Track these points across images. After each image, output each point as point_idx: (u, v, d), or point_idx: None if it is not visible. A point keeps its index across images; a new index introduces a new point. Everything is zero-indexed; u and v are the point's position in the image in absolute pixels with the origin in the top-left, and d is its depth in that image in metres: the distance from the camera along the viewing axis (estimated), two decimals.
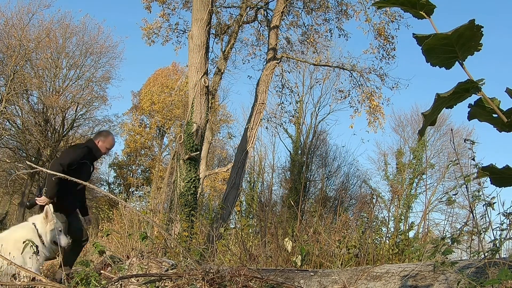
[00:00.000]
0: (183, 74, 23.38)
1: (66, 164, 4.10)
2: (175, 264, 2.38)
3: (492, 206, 2.34)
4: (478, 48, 0.90)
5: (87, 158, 4.38)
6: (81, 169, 4.28)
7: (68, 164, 4.12)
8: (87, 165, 4.40)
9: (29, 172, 4.15)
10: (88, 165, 4.42)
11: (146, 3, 11.63)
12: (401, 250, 4.54)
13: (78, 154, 4.27)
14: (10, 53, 20.91)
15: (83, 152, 4.32)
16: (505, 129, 0.94)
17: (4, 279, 2.80)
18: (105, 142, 4.54)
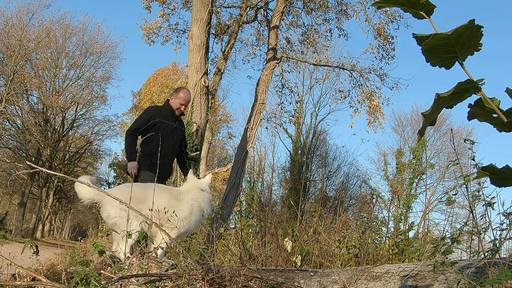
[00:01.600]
0: (183, 74, 23.36)
1: (133, 129, 4.39)
2: (175, 264, 2.38)
3: (492, 206, 2.34)
4: (478, 48, 0.90)
5: (159, 117, 4.39)
6: (157, 129, 4.31)
7: (135, 128, 4.38)
8: (164, 123, 4.41)
9: (29, 172, 4.08)
10: (165, 123, 4.42)
11: (146, 3, 11.63)
12: (401, 250, 4.55)
13: (143, 117, 4.45)
14: (10, 53, 20.92)
15: (148, 114, 4.43)
16: (505, 129, 0.94)
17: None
18: (176, 98, 4.52)
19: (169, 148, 4.46)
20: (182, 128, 4.73)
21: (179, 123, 4.64)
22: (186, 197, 3.55)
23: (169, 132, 4.44)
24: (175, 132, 4.55)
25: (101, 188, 3.46)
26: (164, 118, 4.45)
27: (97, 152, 29.67)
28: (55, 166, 24.66)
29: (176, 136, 4.55)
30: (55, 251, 10.08)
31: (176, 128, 4.55)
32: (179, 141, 4.64)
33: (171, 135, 4.47)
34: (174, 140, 4.52)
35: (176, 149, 4.62)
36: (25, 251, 2.48)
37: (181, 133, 4.69)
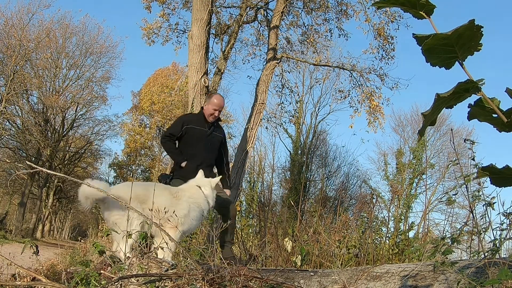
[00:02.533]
0: (183, 74, 23.36)
1: (168, 134, 4.41)
2: (175, 264, 2.38)
3: (492, 206, 2.34)
4: (478, 48, 0.90)
5: (191, 124, 4.36)
6: (189, 136, 4.32)
7: (170, 133, 4.39)
8: (196, 130, 4.34)
9: (29, 172, 4.07)
10: (197, 129, 4.35)
11: (146, 3, 11.62)
12: (401, 250, 4.55)
13: (176, 123, 4.48)
14: (10, 53, 20.92)
15: (181, 120, 4.45)
16: (505, 129, 0.94)
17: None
18: (209, 104, 4.41)
19: (203, 155, 4.34)
20: (220, 135, 4.55)
21: (215, 129, 4.48)
22: (184, 196, 3.58)
23: (203, 139, 4.35)
24: (211, 139, 4.41)
25: None
26: (196, 125, 4.37)
27: (97, 152, 29.69)
28: (55, 166, 24.66)
29: (211, 143, 4.41)
30: (55, 251, 10.08)
31: (211, 134, 4.42)
32: (216, 148, 4.49)
33: (206, 142, 4.36)
34: (209, 147, 4.39)
35: (213, 156, 4.47)
36: (25, 251, 2.48)
37: (219, 140, 4.52)
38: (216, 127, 4.50)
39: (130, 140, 29.94)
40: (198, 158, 4.31)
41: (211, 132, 4.41)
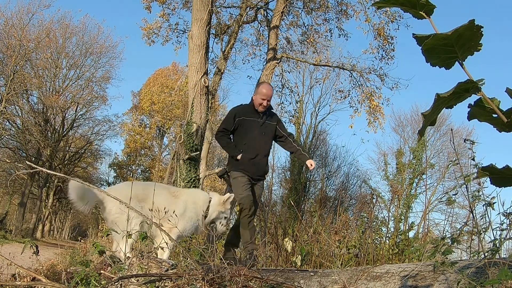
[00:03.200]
0: (183, 74, 23.35)
1: (222, 129, 4.42)
2: (175, 264, 2.38)
3: (492, 206, 2.34)
4: (478, 48, 0.90)
5: (243, 115, 4.33)
6: (242, 128, 4.32)
7: (223, 128, 4.40)
8: (248, 121, 4.32)
9: (29, 172, 4.05)
10: (249, 120, 4.32)
11: (146, 3, 11.63)
12: (401, 250, 4.55)
13: (228, 117, 4.46)
14: (10, 53, 20.91)
15: (232, 113, 4.43)
16: (505, 129, 0.94)
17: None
18: (257, 94, 4.34)
19: (257, 145, 4.31)
20: (274, 122, 4.45)
21: (268, 117, 4.42)
22: (182, 195, 3.61)
23: (256, 129, 4.32)
24: (264, 128, 4.36)
25: (101, 188, 3.48)
26: (248, 116, 4.34)
27: (97, 152, 29.67)
28: (55, 166, 24.66)
29: (265, 132, 4.36)
30: (55, 251, 10.08)
31: (264, 123, 4.36)
32: (271, 136, 4.43)
33: (259, 132, 4.32)
34: (263, 136, 4.34)
35: (268, 145, 4.42)
36: (25, 251, 2.48)
37: (273, 128, 4.44)
38: (269, 115, 4.44)
39: (130, 140, 29.95)
40: (253, 149, 4.28)
41: (264, 121, 4.36)
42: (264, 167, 4.40)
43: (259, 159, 4.31)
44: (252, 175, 4.28)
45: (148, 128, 30.46)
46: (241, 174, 4.26)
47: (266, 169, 4.47)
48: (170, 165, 24.55)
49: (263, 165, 4.37)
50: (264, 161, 4.38)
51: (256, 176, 4.33)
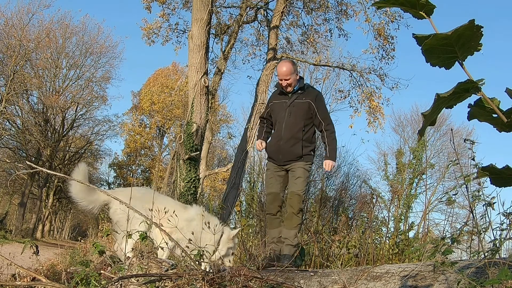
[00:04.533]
0: (183, 74, 23.36)
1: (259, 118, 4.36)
2: (175, 264, 2.38)
3: (492, 206, 2.34)
4: (478, 48, 0.90)
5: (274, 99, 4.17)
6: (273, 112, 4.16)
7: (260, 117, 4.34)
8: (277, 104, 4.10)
9: (29, 172, 4.04)
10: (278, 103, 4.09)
11: (146, 3, 11.63)
12: (401, 250, 4.55)
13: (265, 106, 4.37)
14: (10, 53, 20.92)
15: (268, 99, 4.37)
16: (505, 129, 0.94)
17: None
18: (278, 75, 4.06)
19: (282, 129, 3.99)
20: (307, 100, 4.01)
21: (300, 96, 4.03)
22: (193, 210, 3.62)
23: (283, 111, 4.02)
24: (292, 108, 4.00)
25: (101, 188, 3.49)
26: (278, 99, 4.12)
27: (97, 152, 29.69)
28: (55, 166, 24.66)
29: (292, 112, 3.99)
30: (55, 251, 10.08)
31: (293, 103, 4.01)
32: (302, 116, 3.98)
33: (286, 113, 4.00)
34: (289, 117, 3.98)
35: (297, 127, 3.97)
36: (25, 251, 2.48)
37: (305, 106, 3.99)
38: (301, 94, 4.04)
39: (130, 140, 29.96)
40: (278, 132, 4.03)
41: (292, 101, 4.01)
42: (291, 150, 3.96)
43: (284, 143, 3.96)
44: (279, 161, 4.00)
45: (148, 128, 30.47)
46: (268, 167, 4.13)
47: (296, 152, 3.96)
48: (170, 165, 24.55)
49: (288, 148, 3.96)
50: (290, 144, 3.95)
51: (284, 161, 3.99)
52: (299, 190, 3.88)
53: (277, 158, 4.01)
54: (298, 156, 3.96)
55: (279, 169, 4.04)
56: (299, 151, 3.97)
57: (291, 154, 3.96)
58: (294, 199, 3.87)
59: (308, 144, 4.02)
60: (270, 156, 4.09)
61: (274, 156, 4.04)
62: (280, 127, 4.01)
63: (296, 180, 3.91)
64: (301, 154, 3.97)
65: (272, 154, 4.06)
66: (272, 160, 4.06)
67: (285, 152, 3.96)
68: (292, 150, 3.96)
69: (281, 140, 3.98)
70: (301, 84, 4.07)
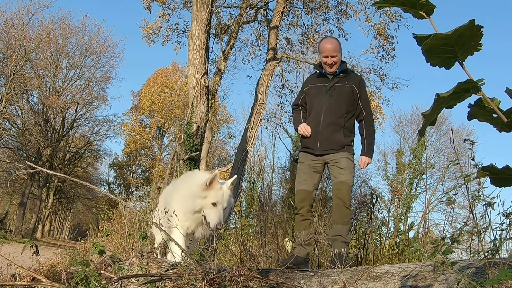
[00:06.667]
0: (183, 74, 23.36)
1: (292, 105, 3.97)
2: (175, 264, 2.38)
3: (492, 206, 2.34)
4: (478, 48, 0.90)
5: (310, 83, 3.76)
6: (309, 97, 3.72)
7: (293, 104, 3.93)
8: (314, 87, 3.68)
9: (29, 172, 4.03)
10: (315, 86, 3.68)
11: (146, 3, 11.63)
12: (401, 250, 4.55)
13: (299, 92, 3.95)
14: (10, 53, 20.92)
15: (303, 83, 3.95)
16: (505, 129, 0.94)
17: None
18: (320, 54, 3.67)
19: (321, 114, 3.56)
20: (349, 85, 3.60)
21: (342, 80, 3.63)
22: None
23: (322, 95, 3.60)
24: (332, 92, 3.59)
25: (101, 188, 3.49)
26: (315, 82, 3.71)
27: (97, 152, 29.69)
28: (55, 166, 24.66)
29: (333, 96, 3.57)
30: (55, 251, 10.07)
31: (333, 86, 3.60)
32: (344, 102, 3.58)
33: (326, 97, 3.58)
34: (329, 100, 3.56)
35: (338, 112, 3.55)
36: (25, 251, 2.48)
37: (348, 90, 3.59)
38: (343, 77, 3.65)
39: (130, 140, 29.95)
40: (316, 118, 3.58)
41: (332, 84, 3.60)
42: (332, 137, 3.52)
43: (323, 129, 3.52)
44: (316, 151, 3.55)
45: (148, 128, 30.46)
46: (301, 159, 3.63)
47: (337, 140, 3.53)
48: (170, 165, 24.54)
49: (328, 135, 3.53)
50: (330, 130, 3.52)
51: (323, 150, 3.53)
52: (348, 180, 3.49)
53: (315, 147, 3.56)
54: (340, 145, 3.54)
55: (316, 161, 3.58)
56: (341, 139, 3.55)
57: (332, 142, 3.53)
58: (344, 189, 3.45)
59: (349, 134, 3.62)
60: (306, 146, 3.62)
61: (311, 144, 3.58)
62: (318, 112, 3.57)
63: (342, 169, 3.49)
64: (343, 143, 3.55)
65: (308, 142, 3.60)
66: (308, 150, 3.60)
67: (324, 140, 3.53)
68: (333, 138, 3.54)
69: (319, 126, 3.55)
70: (343, 67, 3.68)
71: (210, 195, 2.76)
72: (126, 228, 6.07)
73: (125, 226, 6.22)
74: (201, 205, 2.77)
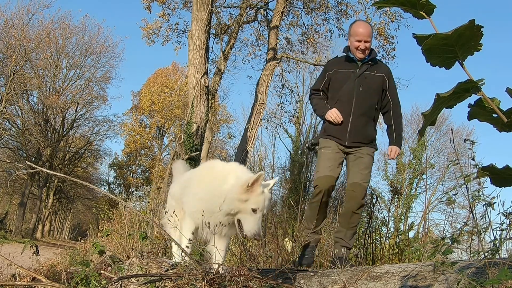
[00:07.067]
0: (183, 74, 23.37)
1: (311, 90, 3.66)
2: (175, 264, 2.38)
3: (492, 206, 2.34)
4: (478, 48, 0.90)
5: (335, 67, 3.49)
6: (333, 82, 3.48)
7: (312, 89, 3.64)
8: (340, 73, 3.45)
9: (29, 172, 4.02)
10: (342, 72, 3.44)
11: (146, 3, 11.64)
12: (401, 250, 4.54)
13: (320, 74, 3.65)
14: (10, 53, 20.92)
15: (324, 68, 3.65)
16: (505, 129, 0.94)
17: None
18: (351, 37, 3.43)
19: (351, 102, 3.34)
20: (380, 74, 3.42)
21: (371, 68, 3.43)
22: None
23: (351, 82, 3.37)
24: (362, 80, 3.38)
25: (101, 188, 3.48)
26: (341, 67, 3.46)
27: (97, 152, 29.69)
28: (55, 166, 24.66)
29: (363, 85, 3.36)
30: (55, 251, 10.08)
31: (363, 74, 3.39)
32: (374, 92, 3.40)
33: (356, 85, 3.36)
34: (360, 90, 3.35)
35: (369, 103, 3.39)
36: (25, 251, 2.48)
37: (379, 81, 3.41)
38: (373, 66, 3.44)
39: (130, 140, 29.94)
40: (346, 106, 3.34)
41: (362, 72, 3.39)
42: (362, 130, 3.36)
43: (354, 119, 3.32)
44: (345, 141, 3.34)
45: (148, 128, 30.45)
46: (327, 144, 3.39)
47: (368, 133, 3.39)
48: (170, 165, 24.53)
49: (360, 127, 3.35)
50: (361, 122, 3.35)
51: (351, 142, 3.34)
52: (364, 181, 3.31)
53: (343, 137, 3.34)
54: (369, 139, 3.40)
55: (341, 151, 3.37)
56: (372, 133, 3.42)
57: (362, 135, 3.36)
58: (358, 192, 3.29)
59: (375, 127, 3.47)
60: (331, 134, 3.39)
61: (339, 133, 3.35)
62: (348, 99, 3.35)
63: (363, 169, 3.33)
64: (373, 137, 3.43)
65: (336, 131, 3.36)
66: (335, 139, 3.37)
67: (356, 131, 3.34)
68: (364, 131, 3.36)
69: (350, 115, 3.33)
70: (374, 55, 3.47)
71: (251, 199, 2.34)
72: (126, 228, 6.07)
73: (125, 226, 6.22)
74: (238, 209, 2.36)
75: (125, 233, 5.75)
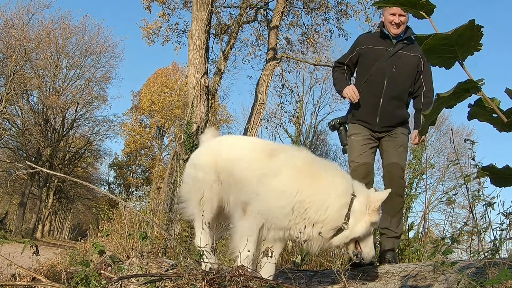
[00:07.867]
0: (183, 74, 23.35)
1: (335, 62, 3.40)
2: (175, 264, 2.38)
3: (492, 206, 2.34)
4: (478, 48, 0.90)
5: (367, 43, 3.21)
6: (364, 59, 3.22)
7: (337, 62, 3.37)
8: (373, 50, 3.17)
9: (29, 172, 4.01)
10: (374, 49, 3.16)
11: (146, 3, 11.64)
12: (401, 250, 4.54)
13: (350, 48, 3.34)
14: (10, 53, 20.92)
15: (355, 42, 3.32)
16: (505, 129, 0.94)
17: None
18: (384, 11, 3.19)
19: (386, 82, 3.07)
20: (416, 54, 3.13)
21: (406, 47, 3.14)
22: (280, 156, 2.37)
23: (384, 61, 3.10)
24: (396, 59, 3.10)
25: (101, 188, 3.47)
26: (374, 44, 3.18)
27: (97, 152, 29.68)
28: (55, 166, 24.66)
29: (398, 65, 3.08)
30: (55, 251, 10.08)
31: (397, 53, 3.11)
32: (409, 74, 3.13)
33: (388, 64, 3.09)
34: (393, 71, 3.08)
35: (402, 85, 3.12)
36: (25, 251, 2.48)
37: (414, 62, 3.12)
38: (408, 45, 3.15)
39: (130, 140, 29.93)
40: (377, 88, 3.09)
41: (396, 51, 3.12)
42: (394, 113, 3.11)
43: (385, 102, 3.07)
44: (375, 126, 3.11)
45: (148, 128, 30.44)
46: (356, 130, 3.15)
47: (401, 115, 3.14)
48: (170, 165, 24.53)
49: (390, 111, 3.09)
50: (393, 105, 3.09)
51: (382, 127, 3.11)
52: (401, 161, 3.07)
53: (373, 122, 3.11)
54: (401, 120, 3.16)
55: (372, 137, 3.15)
56: (405, 115, 3.19)
57: (393, 119, 3.13)
58: (395, 172, 3.02)
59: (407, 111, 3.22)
60: (360, 118, 3.16)
61: (368, 118, 3.12)
62: (379, 81, 3.10)
63: (399, 148, 3.08)
64: (406, 118, 3.20)
65: (365, 115, 3.13)
66: (364, 123, 3.14)
67: (386, 115, 3.10)
68: (395, 114, 3.13)
69: (381, 98, 3.08)
70: (409, 33, 3.17)
71: (374, 218, 2.07)
72: (126, 228, 6.07)
73: (125, 226, 6.21)
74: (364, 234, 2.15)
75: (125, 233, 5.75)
